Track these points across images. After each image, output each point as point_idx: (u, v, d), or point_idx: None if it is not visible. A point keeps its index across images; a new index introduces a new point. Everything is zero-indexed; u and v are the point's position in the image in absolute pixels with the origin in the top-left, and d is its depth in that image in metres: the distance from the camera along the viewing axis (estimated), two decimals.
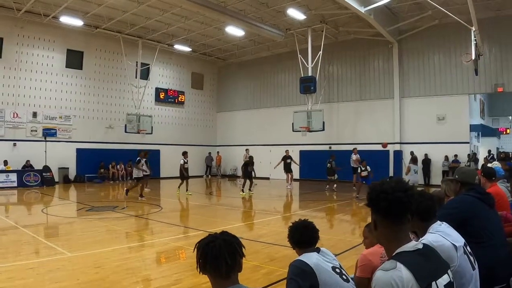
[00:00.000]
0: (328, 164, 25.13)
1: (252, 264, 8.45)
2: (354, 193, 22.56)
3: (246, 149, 32.15)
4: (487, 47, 26.39)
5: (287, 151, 29.43)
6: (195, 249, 2.77)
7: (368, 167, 21.24)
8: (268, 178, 33.37)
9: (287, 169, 28.36)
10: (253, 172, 24.16)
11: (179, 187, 23.61)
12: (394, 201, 2.47)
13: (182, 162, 23.34)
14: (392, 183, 2.55)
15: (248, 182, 23.89)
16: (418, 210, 3.61)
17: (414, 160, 22.01)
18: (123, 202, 19.68)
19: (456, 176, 5.10)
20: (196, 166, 37.02)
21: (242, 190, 23.58)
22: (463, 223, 4.20)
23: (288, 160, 28.37)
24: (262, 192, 24.27)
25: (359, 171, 21.89)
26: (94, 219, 14.67)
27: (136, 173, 21.83)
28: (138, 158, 21.79)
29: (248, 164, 24.18)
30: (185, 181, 23.44)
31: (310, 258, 3.80)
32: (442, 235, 3.55)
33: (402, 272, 2.32)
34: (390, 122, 30.57)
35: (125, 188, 19.91)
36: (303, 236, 4.13)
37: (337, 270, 3.82)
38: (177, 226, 13.70)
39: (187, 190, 23.31)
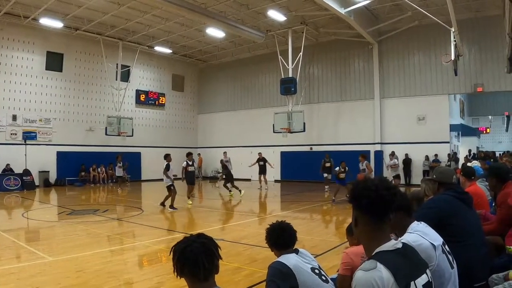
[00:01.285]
0: (328, 163, 24.97)
1: (233, 266, 8.48)
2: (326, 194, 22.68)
3: (224, 152, 31.97)
4: (467, 48, 26.64)
5: (259, 153, 29.51)
6: (171, 253, 2.76)
7: (347, 167, 21.02)
8: (249, 180, 33.39)
9: (261, 171, 28.51)
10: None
11: (188, 197, 20.60)
12: (376, 198, 2.48)
13: (184, 164, 20.75)
14: (375, 181, 2.57)
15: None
16: (404, 206, 3.73)
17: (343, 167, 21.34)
18: (104, 206, 19.62)
19: (434, 176, 5.15)
20: (177, 168, 36.89)
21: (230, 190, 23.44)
22: (441, 223, 4.26)
23: (261, 163, 28.45)
24: (244, 193, 24.29)
25: (337, 172, 21.44)
26: (75, 223, 14.57)
27: (166, 180, 18.66)
28: (167, 163, 18.71)
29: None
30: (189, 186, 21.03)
31: (289, 259, 3.86)
32: (420, 235, 3.59)
33: (382, 272, 2.33)
34: (371, 123, 30.74)
35: (159, 203, 17.87)
36: (280, 237, 4.19)
37: (316, 271, 3.87)
38: (158, 228, 13.67)
39: (188, 197, 20.60)
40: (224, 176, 25.09)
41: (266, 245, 4.40)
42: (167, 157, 18.94)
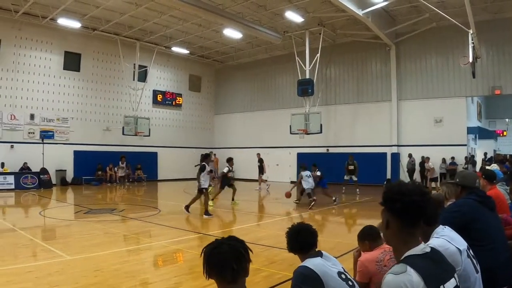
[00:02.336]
0: (351, 166, 24.93)
1: (251, 267, 8.39)
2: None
3: (258, 153, 31.67)
4: (485, 50, 26.46)
5: (258, 154, 29.56)
6: (202, 255, 2.74)
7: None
8: (265, 181, 33.34)
9: (260, 171, 29.22)
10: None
11: (233, 199, 20.68)
12: (410, 203, 2.49)
13: (226, 170, 20.76)
14: (409, 186, 2.57)
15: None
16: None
17: (303, 167, 21.10)
18: (120, 205, 19.67)
19: (457, 180, 5.10)
20: (194, 168, 36.99)
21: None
22: (464, 227, 4.21)
23: (259, 163, 28.53)
24: (260, 194, 24.21)
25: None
26: (92, 222, 14.62)
27: (202, 182, 16.96)
28: (203, 163, 17.29)
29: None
30: (227, 188, 21.03)
31: (315, 264, 3.76)
32: (447, 239, 3.57)
33: (412, 276, 2.33)
34: (388, 125, 30.60)
35: (184, 206, 17.10)
36: (297, 241, 4.12)
37: (343, 275, 3.77)
38: (176, 229, 13.61)
39: (233, 199, 20.67)
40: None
41: (284, 246, 4.33)
42: (206, 157, 17.68)
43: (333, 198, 20.54)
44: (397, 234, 2.57)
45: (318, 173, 20.94)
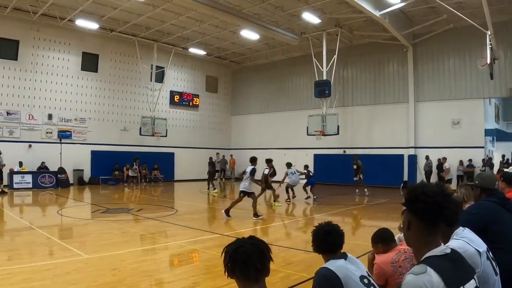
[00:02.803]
0: (354, 165, 24.95)
1: None
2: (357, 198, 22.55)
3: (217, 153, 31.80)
4: (502, 51, 26.23)
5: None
6: (223, 254, 2.74)
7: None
8: (282, 182, 33.30)
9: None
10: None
11: (275, 201, 20.53)
12: (433, 204, 2.47)
13: (266, 172, 20.18)
14: (432, 187, 2.55)
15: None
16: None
17: (289, 165, 22.91)
18: (137, 205, 19.75)
19: (476, 182, 5.08)
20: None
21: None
22: (483, 229, 4.17)
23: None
24: (216, 192, 24.26)
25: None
26: (109, 221, 14.72)
27: (246, 186, 16.44)
28: (253, 167, 16.55)
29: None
30: (268, 190, 21.07)
31: (338, 266, 3.71)
32: (466, 241, 3.54)
33: (432, 276, 2.32)
34: (405, 126, 30.44)
35: (223, 210, 16.38)
36: (324, 242, 4.02)
37: (365, 280, 3.69)
38: (192, 229, 13.61)
39: (275, 201, 20.48)
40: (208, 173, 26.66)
41: (301, 247, 4.29)
42: (254, 161, 16.96)
43: (314, 197, 22.28)
44: (419, 235, 2.56)
45: (304, 171, 23.23)
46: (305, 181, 23.28)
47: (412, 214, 2.55)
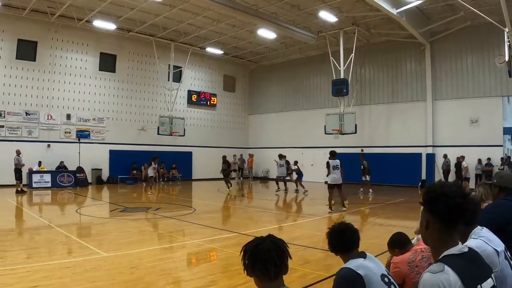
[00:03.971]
0: (362, 166, 24.88)
1: None
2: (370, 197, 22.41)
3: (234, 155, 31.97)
4: None
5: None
6: (242, 252, 2.77)
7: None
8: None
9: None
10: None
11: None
12: (454, 207, 2.46)
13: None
14: (452, 187, 2.53)
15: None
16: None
17: (280, 156, 24.16)
18: (156, 204, 19.83)
19: (495, 181, 5.04)
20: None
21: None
22: (502, 229, 4.12)
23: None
24: (294, 195, 24.17)
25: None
26: (127, 220, 14.78)
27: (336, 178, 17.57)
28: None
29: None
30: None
31: (359, 266, 3.65)
32: (484, 241, 3.51)
33: (450, 275, 2.32)
34: (423, 125, 30.28)
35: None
36: (340, 241, 4.00)
37: (386, 279, 3.64)
38: (210, 228, 13.64)
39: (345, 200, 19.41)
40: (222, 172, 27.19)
41: (318, 246, 4.28)
42: (334, 154, 18.12)
43: (304, 190, 24.60)
44: (437, 235, 2.55)
45: (295, 167, 24.91)
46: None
47: (431, 214, 2.54)
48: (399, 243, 5.22)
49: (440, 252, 2.50)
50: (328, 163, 17.73)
